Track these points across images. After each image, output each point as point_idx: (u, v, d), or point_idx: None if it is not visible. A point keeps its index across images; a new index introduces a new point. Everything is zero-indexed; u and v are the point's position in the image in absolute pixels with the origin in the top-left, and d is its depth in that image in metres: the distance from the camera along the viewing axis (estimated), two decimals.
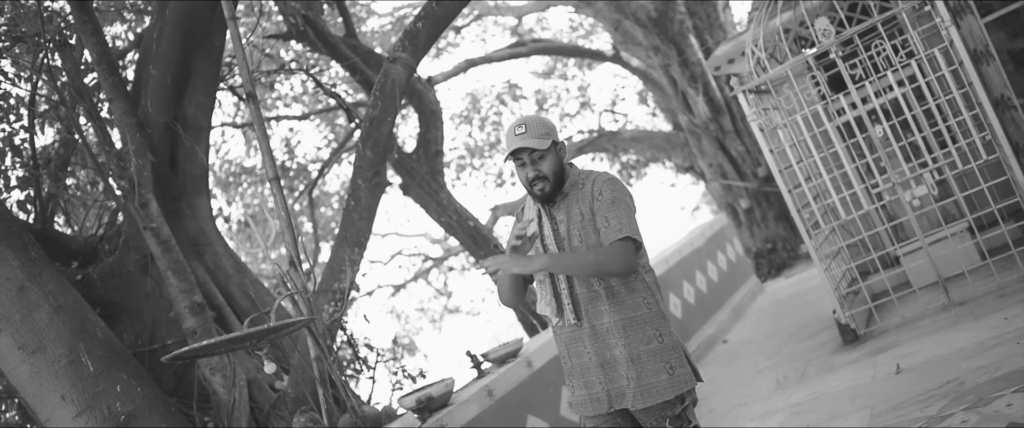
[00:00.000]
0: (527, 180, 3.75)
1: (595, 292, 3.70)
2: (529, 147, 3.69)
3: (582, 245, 3.69)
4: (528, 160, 3.72)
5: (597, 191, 3.72)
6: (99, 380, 5.36)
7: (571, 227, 3.73)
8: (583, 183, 3.80)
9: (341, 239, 6.02)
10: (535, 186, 3.74)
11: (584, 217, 3.71)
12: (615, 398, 3.70)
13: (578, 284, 3.71)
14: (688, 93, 17.09)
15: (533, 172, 3.72)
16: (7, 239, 5.35)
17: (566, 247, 3.71)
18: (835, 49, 7.06)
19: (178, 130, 6.28)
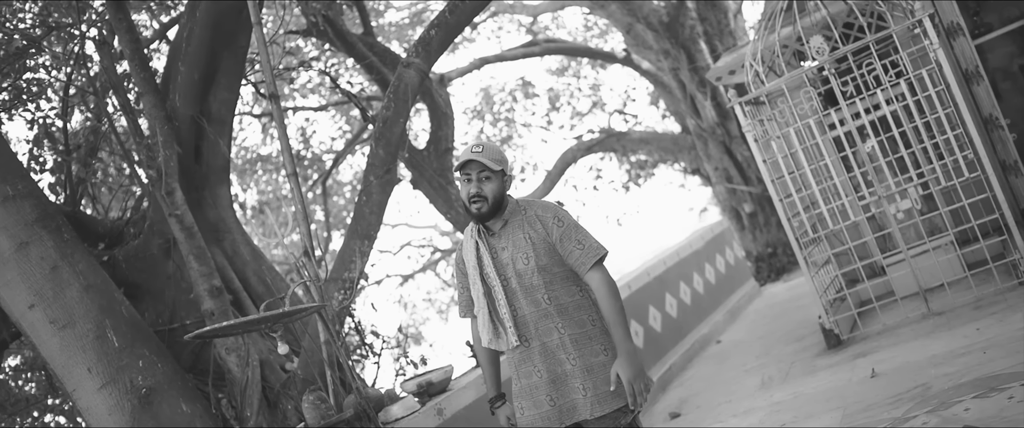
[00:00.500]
0: (467, 196, 3.88)
1: (545, 310, 3.86)
2: (481, 164, 3.83)
3: (526, 266, 3.84)
4: (475, 177, 3.86)
5: (548, 220, 3.89)
6: (123, 355, 5.76)
7: (515, 252, 3.87)
8: (524, 211, 3.96)
9: (352, 231, 6.41)
10: (473, 203, 3.88)
11: (532, 242, 3.86)
12: (566, 413, 3.84)
13: (525, 304, 3.87)
14: (696, 97, 17.39)
15: (475, 189, 3.85)
16: (42, 221, 5.76)
17: (511, 272, 3.86)
18: (828, 66, 7.40)
19: (203, 123, 6.68)
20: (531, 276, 3.86)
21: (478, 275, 3.91)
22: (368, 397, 5.09)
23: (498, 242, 3.95)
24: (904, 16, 7.46)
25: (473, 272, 3.93)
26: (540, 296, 3.87)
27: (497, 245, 3.95)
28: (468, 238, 4.00)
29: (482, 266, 3.93)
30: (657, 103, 21.72)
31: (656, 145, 20.30)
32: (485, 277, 3.92)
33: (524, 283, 3.87)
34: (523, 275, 3.86)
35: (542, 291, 3.87)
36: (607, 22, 21.61)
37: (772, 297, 12.63)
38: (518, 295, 3.88)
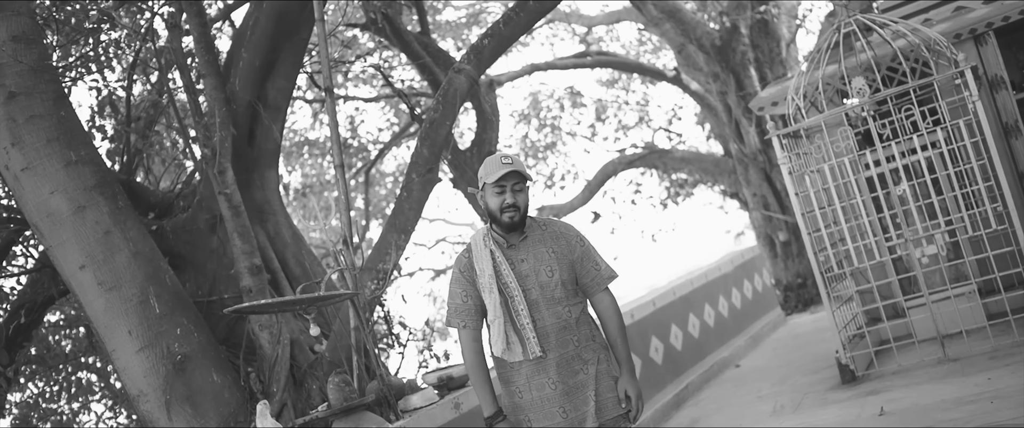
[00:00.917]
0: (501, 206, 3.98)
1: (565, 322, 4.02)
2: (519, 174, 3.97)
3: (550, 279, 4.00)
4: (511, 188, 3.99)
5: (571, 238, 4.07)
6: (163, 321, 6.06)
7: (538, 265, 4.01)
8: (544, 227, 4.12)
9: (390, 224, 6.67)
10: (506, 213, 3.98)
11: (557, 257, 4.02)
12: (577, 423, 3.99)
13: (547, 315, 3.99)
14: (741, 122, 17.49)
15: (511, 199, 3.97)
16: (100, 187, 6.08)
17: (532, 284, 3.99)
18: (868, 107, 7.54)
19: (259, 108, 6.98)
20: (554, 288, 4.01)
21: (495, 285, 3.99)
22: (390, 385, 5.35)
23: (516, 254, 4.07)
24: (948, 65, 7.58)
25: (489, 281, 4.00)
26: (561, 308, 4.02)
27: (515, 256, 4.06)
28: (481, 247, 4.07)
29: (500, 276, 4.01)
30: (703, 124, 21.82)
31: (697, 165, 20.40)
32: (503, 287, 4.00)
33: (547, 295, 4.01)
34: (546, 287, 4.01)
35: (564, 303, 4.03)
36: (660, 40, 21.75)
37: (796, 327, 12.72)
38: (540, 306, 4.01)
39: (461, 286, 4.10)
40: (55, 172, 5.92)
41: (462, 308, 4.08)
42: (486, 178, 4.01)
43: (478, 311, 4.08)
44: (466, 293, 4.09)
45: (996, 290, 8.30)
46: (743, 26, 17.35)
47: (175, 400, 5.97)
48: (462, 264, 4.13)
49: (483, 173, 4.04)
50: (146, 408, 6.02)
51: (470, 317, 4.07)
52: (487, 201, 4.05)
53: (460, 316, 4.07)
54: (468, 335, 4.07)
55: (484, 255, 4.04)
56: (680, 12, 17.44)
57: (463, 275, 4.11)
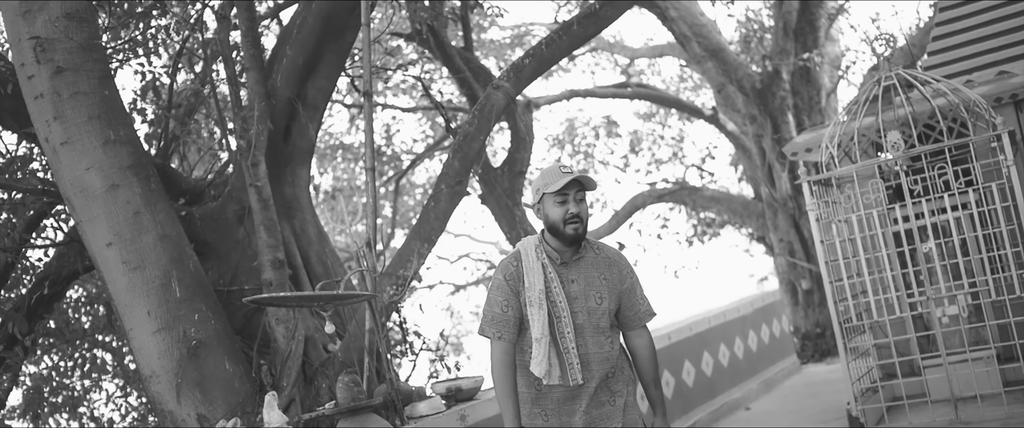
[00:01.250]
0: (564, 217, 3.76)
1: (607, 353, 3.86)
2: (581, 183, 3.77)
3: (598, 306, 3.82)
4: (573, 198, 3.78)
5: (624, 268, 3.91)
6: (182, 306, 6.13)
7: (589, 289, 3.83)
8: (598, 251, 3.93)
9: (415, 232, 6.72)
10: (570, 225, 3.76)
11: (609, 284, 3.84)
12: None
13: (591, 343, 3.83)
14: (774, 167, 17.45)
15: (576, 209, 3.76)
16: (135, 168, 6.18)
17: (580, 307, 3.81)
18: (901, 162, 7.52)
19: (298, 106, 7.08)
20: (601, 317, 3.86)
21: (544, 301, 3.79)
22: (398, 390, 5.39)
23: (568, 272, 3.88)
24: (986, 128, 7.55)
25: (539, 297, 3.79)
26: (604, 338, 3.86)
27: (566, 275, 3.87)
28: (532, 259, 3.86)
29: (550, 292, 3.82)
30: (736, 166, 21.78)
31: (727, 206, 20.35)
32: (551, 305, 3.81)
33: (593, 322, 3.85)
34: (593, 314, 3.85)
35: (607, 333, 3.88)
36: (701, 78, 21.77)
37: (811, 376, 12.66)
38: (585, 332, 3.84)
39: (503, 295, 3.88)
40: (93, 148, 6.03)
41: (500, 319, 3.87)
42: (546, 188, 3.82)
43: (516, 324, 3.87)
44: (507, 303, 3.88)
45: (1015, 357, 8.21)
46: (785, 71, 17.34)
47: (186, 384, 6.04)
48: (508, 272, 3.90)
49: (541, 183, 3.84)
50: (157, 389, 6.09)
51: (507, 329, 3.85)
52: (547, 212, 3.84)
53: (496, 326, 3.86)
54: (501, 348, 3.86)
55: (536, 268, 3.83)
56: (723, 52, 17.48)
57: (508, 284, 3.89)
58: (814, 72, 17.61)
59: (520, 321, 3.88)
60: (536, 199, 3.88)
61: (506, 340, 3.87)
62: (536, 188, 3.88)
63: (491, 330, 3.87)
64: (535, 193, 3.88)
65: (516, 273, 3.89)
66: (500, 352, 3.86)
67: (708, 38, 17.48)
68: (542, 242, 3.91)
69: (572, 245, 3.84)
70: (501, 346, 3.87)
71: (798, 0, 16.97)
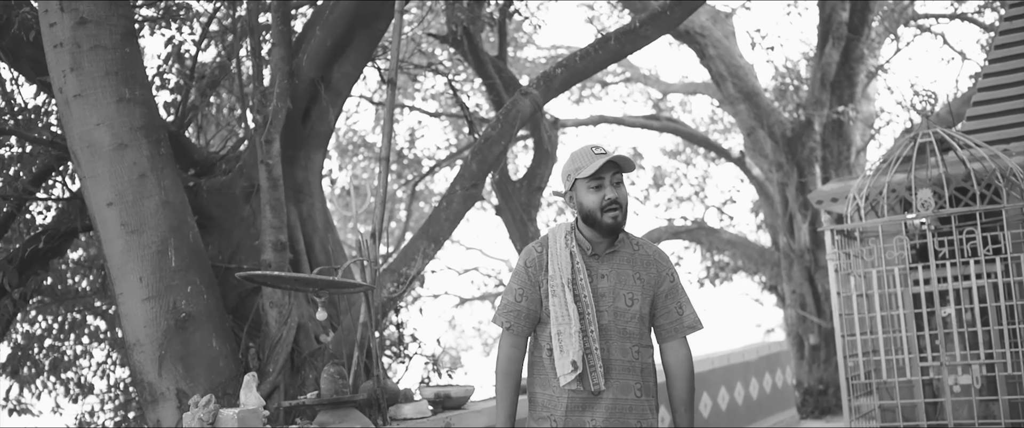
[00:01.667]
0: (601, 204, 3.39)
1: (631, 362, 3.45)
2: (617, 165, 3.41)
3: (627, 308, 3.42)
4: (610, 182, 3.42)
5: (664, 268, 3.51)
6: (176, 276, 5.97)
7: (619, 287, 3.44)
8: (637, 247, 3.53)
9: (422, 231, 6.54)
10: (609, 212, 3.40)
11: (642, 285, 3.45)
12: None
13: (615, 348, 3.43)
14: (796, 217, 17.26)
15: (614, 193, 3.39)
16: (146, 129, 6.03)
17: (607, 306, 3.42)
18: (929, 222, 7.32)
19: (321, 89, 6.92)
20: (629, 321, 3.47)
21: (569, 294, 3.41)
22: (385, 388, 5.19)
23: (598, 266, 3.50)
24: (1019, 197, 7.36)
25: (563, 289, 3.42)
26: (630, 346, 3.47)
27: (596, 269, 3.49)
28: (561, 246, 3.49)
29: (576, 286, 3.44)
30: (756, 212, 21.59)
31: (742, 251, 20.14)
32: (575, 299, 3.43)
33: (619, 325, 3.46)
34: (621, 316, 3.46)
35: (635, 341, 3.49)
36: (733, 121, 21.63)
37: None
38: (609, 335, 3.45)
39: (520, 283, 3.54)
40: (106, 104, 5.89)
41: (512, 308, 3.53)
42: (578, 173, 3.44)
43: (528, 317, 3.53)
44: (523, 292, 3.53)
45: None
46: (818, 123, 17.18)
47: (169, 356, 5.87)
48: (530, 258, 3.54)
49: (572, 168, 3.46)
50: (139, 358, 5.92)
51: (517, 320, 3.52)
52: (581, 200, 3.46)
53: (506, 315, 3.53)
54: (508, 340, 3.53)
55: (563, 255, 3.46)
56: (757, 96, 17.37)
57: (527, 270, 3.54)
58: (847, 127, 17.44)
59: (534, 314, 3.53)
60: (568, 186, 3.52)
61: (515, 332, 3.54)
62: (566, 174, 3.51)
63: (501, 318, 3.55)
64: (566, 180, 3.52)
65: (539, 260, 3.53)
66: (507, 344, 3.54)
67: (744, 80, 17.38)
68: (574, 230, 3.52)
69: (610, 235, 3.46)
70: (508, 338, 3.55)
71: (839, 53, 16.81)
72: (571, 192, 3.51)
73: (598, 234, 3.48)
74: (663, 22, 6.70)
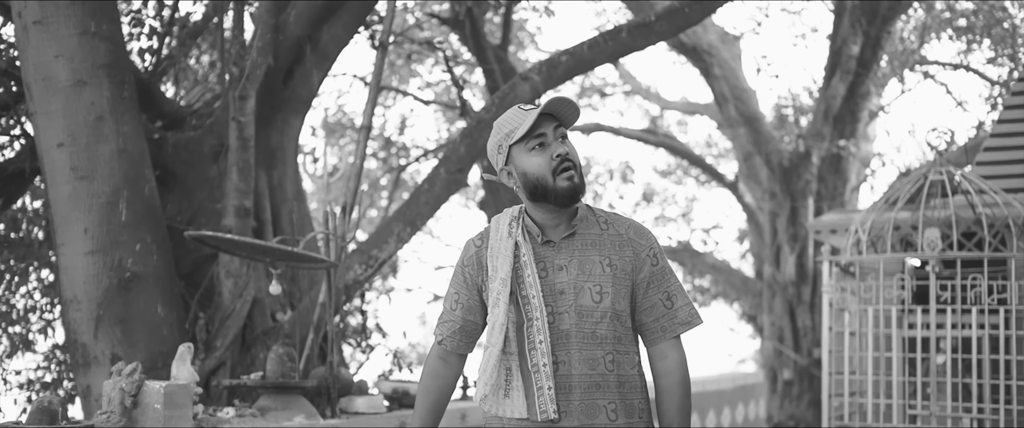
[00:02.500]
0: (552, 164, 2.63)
1: (602, 377, 2.65)
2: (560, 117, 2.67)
3: (595, 305, 2.62)
4: (553, 136, 2.66)
5: (642, 249, 2.71)
6: (124, 231, 5.48)
7: (583, 279, 2.65)
8: (605, 225, 2.73)
9: (399, 213, 6.10)
10: (563, 173, 2.63)
11: (614, 272, 2.65)
12: None
13: (577, 359, 2.63)
14: (783, 249, 16.94)
15: (564, 148, 2.64)
16: (109, 68, 5.54)
17: (567, 306, 2.64)
18: (933, 264, 6.95)
19: (307, 49, 6.44)
20: (599, 322, 2.65)
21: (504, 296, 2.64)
22: (338, 377, 4.72)
23: (555, 256, 2.71)
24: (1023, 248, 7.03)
25: (500, 288, 2.65)
26: (601, 353, 2.65)
27: (552, 260, 2.70)
28: (502, 237, 2.71)
29: (522, 284, 2.67)
30: (742, 239, 21.28)
31: (725, 278, 19.81)
32: (523, 302, 2.67)
33: (585, 329, 2.65)
34: (587, 316, 2.65)
35: (608, 346, 2.67)
36: (729, 146, 21.33)
37: None
38: (569, 343, 2.65)
39: (455, 286, 2.81)
40: (67, 36, 5.40)
41: (446, 317, 2.83)
42: (511, 138, 2.67)
43: (465, 330, 2.80)
44: (458, 297, 2.80)
45: None
46: (816, 155, 16.88)
47: (107, 318, 5.38)
48: (467, 256, 2.80)
49: (502, 136, 2.71)
50: (74, 316, 5.44)
51: (451, 333, 2.80)
52: (524, 170, 2.67)
53: (440, 326, 2.84)
54: (436, 353, 2.84)
55: (504, 249, 2.68)
56: (758, 122, 17.09)
57: (464, 271, 2.80)
58: (845, 163, 17.15)
59: (473, 327, 2.80)
60: (502, 161, 2.73)
61: (446, 347, 2.82)
62: (496, 146, 2.74)
63: (437, 329, 2.86)
64: (498, 154, 2.74)
65: (477, 258, 2.78)
66: (433, 356, 2.85)
67: (746, 104, 17.09)
68: (523, 214, 2.75)
69: (569, 203, 2.65)
70: (438, 351, 2.84)
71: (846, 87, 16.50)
72: (508, 166, 2.72)
73: (551, 212, 2.69)
74: (680, 19, 6.25)
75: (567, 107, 2.67)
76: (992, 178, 8.54)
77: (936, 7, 16.49)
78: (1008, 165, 8.43)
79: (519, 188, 2.72)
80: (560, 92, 7.12)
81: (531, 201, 2.70)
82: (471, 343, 2.85)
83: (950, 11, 16.56)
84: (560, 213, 2.70)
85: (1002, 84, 16.16)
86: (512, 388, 2.67)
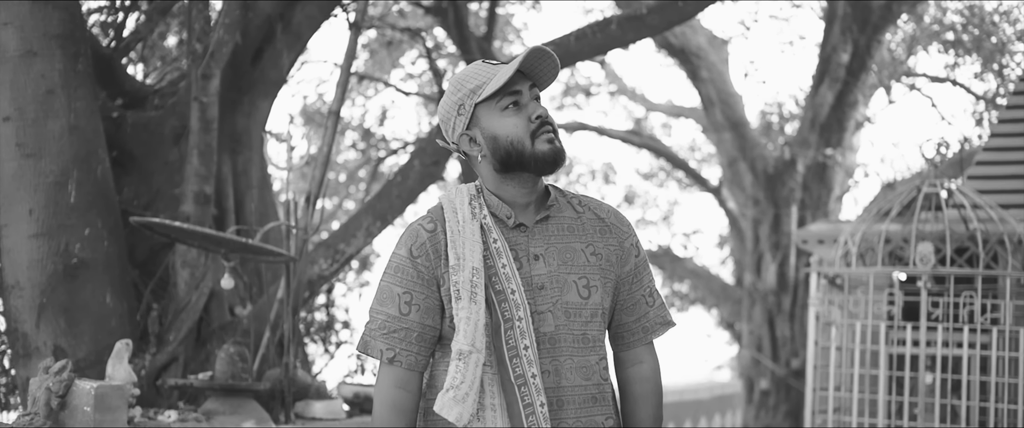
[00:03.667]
0: (530, 125, 2.19)
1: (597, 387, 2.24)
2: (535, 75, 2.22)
3: (584, 301, 2.19)
4: (528, 96, 2.22)
5: (626, 236, 2.32)
6: (73, 214, 5.12)
7: (565, 270, 2.20)
8: (581, 208, 2.31)
9: (369, 206, 5.77)
10: (543, 135, 2.19)
11: (602, 259, 2.24)
12: None
13: (565, 368, 2.18)
14: (764, 257, 16.74)
15: (541, 110, 2.20)
16: (63, 39, 5.17)
17: (550, 303, 2.18)
18: (926, 279, 6.71)
19: (278, 29, 6.09)
20: (589, 321, 2.22)
21: (482, 286, 2.14)
22: (294, 379, 4.37)
23: (528, 243, 2.24)
24: (1018, 267, 6.80)
25: (474, 278, 2.13)
26: (595, 361, 2.23)
27: (526, 247, 2.23)
28: (465, 219, 2.21)
29: (495, 278, 2.17)
30: (722, 245, 21.10)
31: (705, 284, 19.60)
32: (498, 300, 2.16)
33: (574, 330, 2.21)
34: (575, 315, 2.21)
35: (601, 352, 2.27)
36: (711, 153, 21.13)
37: None
38: (559, 347, 2.19)
39: (403, 282, 2.21)
40: (17, 2, 5.03)
41: (397, 325, 2.20)
42: (477, 94, 2.21)
43: (423, 338, 2.22)
44: (411, 297, 2.20)
45: None
46: (801, 163, 16.70)
47: (51, 307, 5.02)
48: (417, 242, 2.23)
49: (464, 93, 2.22)
50: (15, 303, 5.08)
51: (406, 345, 2.20)
52: (494, 133, 2.22)
53: (387, 338, 2.20)
54: (391, 377, 2.22)
55: (470, 233, 2.19)
56: (744, 127, 16.96)
57: (415, 262, 2.21)
58: (830, 172, 16.98)
59: (431, 333, 2.24)
60: (461, 126, 2.25)
61: (403, 365, 2.21)
62: (454, 103, 2.25)
63: (381, 344, 2.22)
64: (457, 114, 2.26)
65: (432, 244, 2.22)
66: (389, 383, 2.21)
67: (733, 108, 16.95)
68: (482, 193, 2.29)
69: (550, 171, 2.22)
70: (393, 375, 2.22)
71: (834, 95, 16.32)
72: (471, 131, 2.25)
73: (524, 186, 2.25)
74: (673, 13, 5.94)
75: (546, 62, 2.22)
76: (985, 193, 8.32)
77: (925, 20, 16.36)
78: (1001, 180, 8.22)
79: (483, 157, 2.25)
80: None
81: (501, 173, 2.24)
82: (429, 353, 2.25)
83: (939, 24, 16.41)
84: (532, 189, 2.26)
85: (988, 99, 16.04)
86: (486, 407, 2.12)
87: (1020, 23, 15.55)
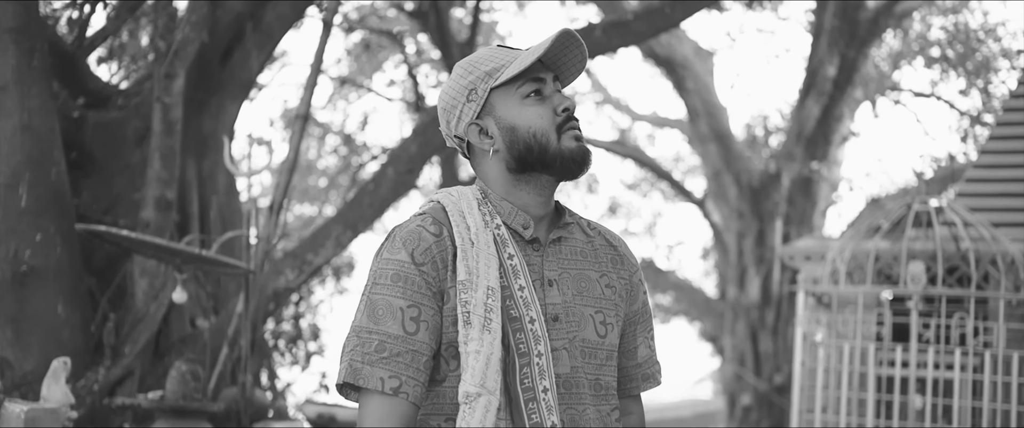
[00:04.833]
0: (555, 118, 1.77)
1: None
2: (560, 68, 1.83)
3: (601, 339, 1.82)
4: (553, 87, 1.81)
5: (635, 268, 1.94)
6: (24, 219, 4.85)
7: (582, 304, 1.81)
8: (591, 230, 1.93)
9: (340, 215, 5.52)
10: (570, 130, 1.78)
11: (614, 290, 1.85)
12: None
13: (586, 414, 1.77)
14: (748, 271, 16.60)
15: (568, 101, 1.80)
16: (18, 34, 4.91)
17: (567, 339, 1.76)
18: (916, 299, 6.53)
19: (248, 28, 5.82)
20: (603, 364, 1.83)
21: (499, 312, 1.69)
22: (249, 399, 4.10)
23: (543, 263, 1.82)
24: (1011, 288, 6.62)
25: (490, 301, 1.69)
26: (609, 411, 1.83)
27: (540, 270, 1.81)
28: (479, 226, 1.76)
29: (513, 300, 1.73)
30: (705, 257, 20.96)
31: (688, 297, 19.44)
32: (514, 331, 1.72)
33: (588, 373, 1.81)
34: (592, 355, 1.81)
35: (614, 403, 1.85)
36: (695, 165, 21.01)
37: None
38: (581, 388, 1.79)
39: (407, 294, 1.72)
40: None
41: (402, 345, 1.69)
42: (494, 78, 1.78)
43: (428, 365, 1.73)
44: (418, 313, 1.71)
45: None
46: (786, 177, 16.58)
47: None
48: (421, 247, 1.74)
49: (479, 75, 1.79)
50: None
51: (412, 372, 1.69)
52: (512, 123, 1.79)
53: (390, 363, 1.68)
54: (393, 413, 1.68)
55: (483, 241, 1.74)
56: (729, 139, 16.84)
57: (420, 270, 1.72)
58: (815, 185, 16.87)
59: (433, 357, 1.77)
60: (471, 113, 1.80)
61: (410, 397, 1.69)
62: (464, 88, 1.80)
63: (382, 371, 1.68)
64: (465, 100, 1.81)
65: (438, 251, 1.75)
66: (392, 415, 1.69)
67: (718, 120, 16.84)
68: (487, 199, 1.83)
69: (575, 175, 1.80)
70: (395, 412, 1.69)
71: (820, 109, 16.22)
72: (483, 120, 1.81)
73: (542, 193, 1.83)
74: (659, 20, 5.70)
75: (574, 54, 1.82)
76: (974, 211, 8.15)
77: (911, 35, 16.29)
78: (991, 198, 8.06)
79: (495, 153, 1.81)
80: None
81: (515, 173, 1.80)
82: (428, 380, 1.75)
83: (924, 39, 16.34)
84: (549, 197, 1.84)
85: (972, 116, 15.97)
86: None
87: (1004, 40, 15.46)
